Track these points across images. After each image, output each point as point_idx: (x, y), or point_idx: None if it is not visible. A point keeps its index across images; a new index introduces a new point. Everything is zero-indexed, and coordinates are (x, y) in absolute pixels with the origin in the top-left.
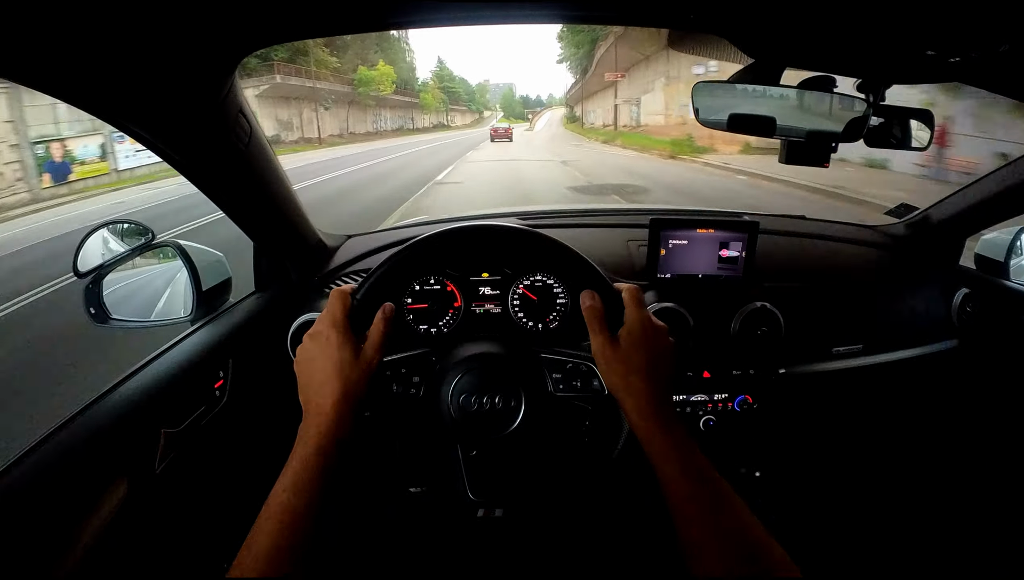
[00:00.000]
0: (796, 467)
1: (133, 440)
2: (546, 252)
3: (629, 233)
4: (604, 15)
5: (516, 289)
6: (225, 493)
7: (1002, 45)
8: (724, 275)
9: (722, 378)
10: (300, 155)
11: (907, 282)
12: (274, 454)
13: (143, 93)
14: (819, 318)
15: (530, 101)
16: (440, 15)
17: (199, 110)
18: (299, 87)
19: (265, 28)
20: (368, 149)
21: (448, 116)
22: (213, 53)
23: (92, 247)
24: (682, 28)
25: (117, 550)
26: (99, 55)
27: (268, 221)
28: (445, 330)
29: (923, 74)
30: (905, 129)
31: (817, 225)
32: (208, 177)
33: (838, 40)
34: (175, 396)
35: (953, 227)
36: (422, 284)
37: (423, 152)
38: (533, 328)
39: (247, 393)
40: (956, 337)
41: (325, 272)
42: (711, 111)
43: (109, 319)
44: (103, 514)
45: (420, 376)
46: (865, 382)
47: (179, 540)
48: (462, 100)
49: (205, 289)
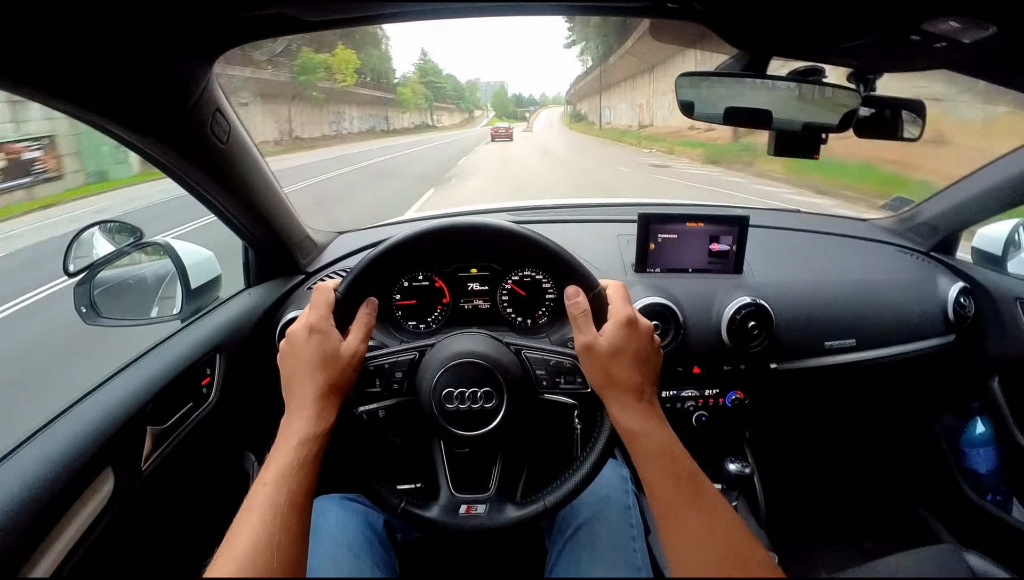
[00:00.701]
0: (790, 462)
1: (119, 438)
2: (529, 248)
3: (618, 228)
4: (584, 5)
5: (504, 285)
6: (212, 490)
7: (988, 28)
8: (714, 269)
9: (713, 373)
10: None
11: (901, 277)
12: (264, 451)
13: (119, 92)
14: (811, 313)
15: (523, 100)
16: (420, 8)
17: (176, 108)
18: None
19: (243, 24)
20: (297, 164)
21: (433, 115)
22: (189, 50)
23: (82, 247)
24: (660, 16)
25: (101, 546)
26: (74, 53)
27: (253, 219)
28: (434, 326)
29: (910, 62)
30: (896, 119)
31: (810, 219)
32: (190, 176)
33: (823, 28)
34: (161, 394)
35: (948, 221)
36: (411, 280)
37: (390, 164)
38: (522, 323)
39: (235, 390)
40: (952, 332)
41: (314, 269)
42: (705, 105)
43: (100, 317)
44: (88, 511)
45: (403, 372)
46: (858, 378)
47: (163, 537)
48: (450, 97)
49: (194, 287)
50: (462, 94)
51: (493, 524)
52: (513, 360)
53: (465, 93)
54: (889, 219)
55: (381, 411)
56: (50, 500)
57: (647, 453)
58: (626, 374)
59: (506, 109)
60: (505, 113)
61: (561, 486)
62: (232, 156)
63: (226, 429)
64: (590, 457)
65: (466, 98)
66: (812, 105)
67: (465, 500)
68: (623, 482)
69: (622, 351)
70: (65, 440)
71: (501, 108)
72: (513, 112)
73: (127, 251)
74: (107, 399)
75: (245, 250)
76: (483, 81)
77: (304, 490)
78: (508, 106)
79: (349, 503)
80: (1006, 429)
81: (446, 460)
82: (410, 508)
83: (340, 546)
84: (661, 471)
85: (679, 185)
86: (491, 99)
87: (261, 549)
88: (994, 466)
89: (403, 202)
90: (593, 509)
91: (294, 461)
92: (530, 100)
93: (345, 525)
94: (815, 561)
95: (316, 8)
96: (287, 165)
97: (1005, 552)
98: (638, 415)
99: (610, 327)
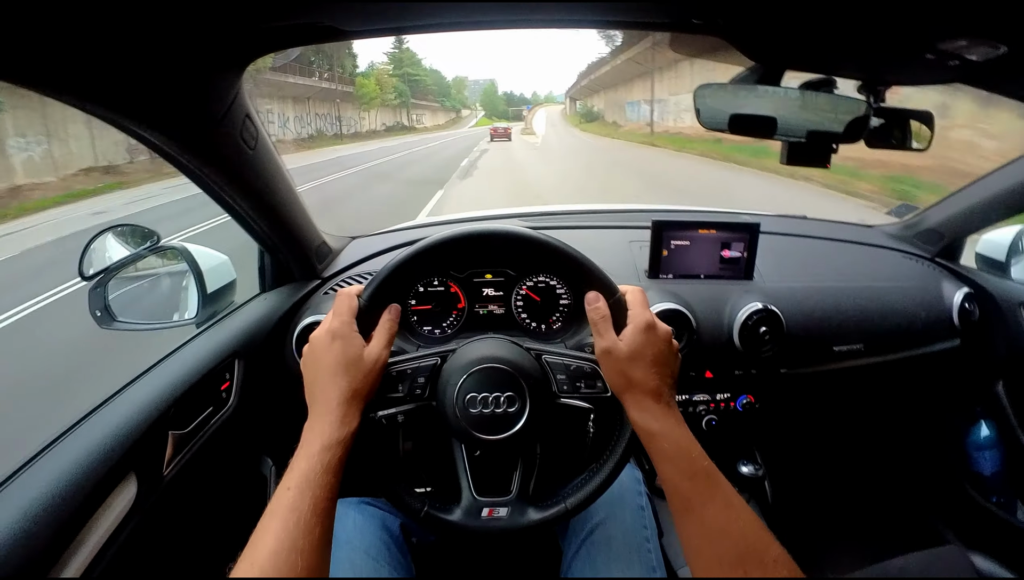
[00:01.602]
0: (799, 465)
1: (141, 443)
2: (550, 255)
3: (631, 234)
4: (605, 19)
5: (520, 290)
6: (232, 494)
7: (1000, 47)
8: (726, 275)
9: (724, 378)
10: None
11: (907, 282)
12: (281, 455)
13: (157, 100)
14: (820, 318)
15: (514, 98)
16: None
17: (209, 114)
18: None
19: (276, 32)
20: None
21: (411, 114)
22: (223, 58)
23: (97, 250)
24: (684, 31)
25: (126, 551)
26: (113, 63)
27: (273, 223)
28: (449, 331)
29: (922, 76)
30: (905, 130)
31: (817, 225)
32: (215, 180)
33: (838, 43)
34: (182, 398)
35: (953, 227)
36: (426, 286)
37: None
38: (536, 329)
39: (254, 394)
40: (957, 337)
41: (330, 274)
42: (712, 113)
43: (115, 321)
44: (113, 516)
45: (425, 378)
46: (866, 382)
47: (186, 541)
48: (432, 93)
49: (210, 291)
50: (447, 91)
51: (516, 526)
52: (534, 364)
53: (451, 91)
54: (895, 225)
55: (400, 415)
56: (76, 505)
57: (665, 453)
58: (645, 377)
59: (496, 108)
60: (496, 112)
61: (582, 488)
62: (259, 162)
63: (244, 434)
64: (611, 459)
65: (452, 96)
66: (819, 115)
67: (487, 503)
68: (637, 484)
69: (641, 355)
70: (89, 445)
71: (491, 107)
72: (504, 111)
73: (143, 255)
74: (129, 404)
75: (261, 255)
76: (471, 79)
77: (327, 495)
78: (498, 105)
79: (366, 507)
80: (1011, 432)
81: (467, 464)
82: (433, 512)
83: (358, 551)
84: (679, 470)
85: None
86: (480, 97)
87: (284, 554)
88: (999, 468)
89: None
90: (607, 510)
91: (317, 466)
92: (522, 99)
93: (363, 529)
94: (823, 562)
95: (349, 17)
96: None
97: (1010, 554)
98: (657, 416)
99: (630, 331)
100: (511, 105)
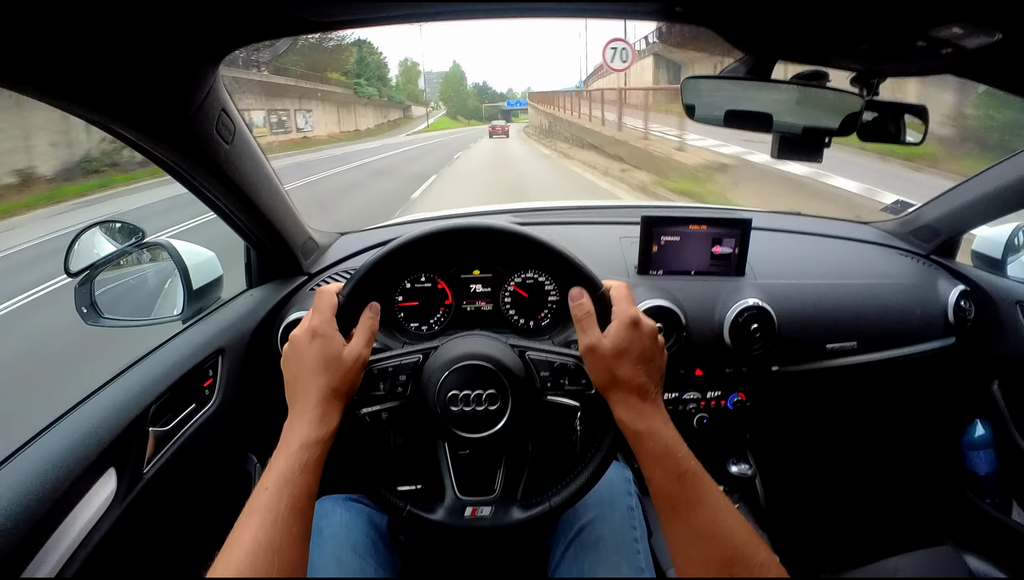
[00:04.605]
0: (791, 464)
1: (121, 439)
2: (533, 250)
3: (621, 230)
4: (594, 8)
5: (507, 286)
6: (215, 492)
7: (995, 34)
8: (717, 272)
9: (715, 376)
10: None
11: (902, 279)
12: (267, 453)
13: (127, 94)
14: (813, 315)
15: (489, 92)
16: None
17: (182, 108)
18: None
19: (250, 24)
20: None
21: (295, 113)
22: (197, 51)
23: (83, 247)
24: (668, 21)
25: (103, 548)
26: (80, 55)
27: (256, 219)
28: (436, 328)
29: (915, 67)
30: (899, 124)
31: (811, 221)
32: (195, 176)
33: (828, 32)
34: (164, 395)
35: (949, 224)
36: (412, 282)
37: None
38: (524, 325)
39: (239, 391)
40: (952, 335)
41: (317, 270)
42: (706, 108)
43: (101, 318)
44: (91, 512)
45: (407, 375)
46: (859, 380)
47: (165, 539)
48: (366, 80)
49: (196, 288)
50: (386, 80)
51: (499, 525)
52: (517, 362)
53: (398, 81)
54: (890, 222)
55: (384, 413)
56: (53, 501)
57: (651, 453)
58: (630, 374)
59: (464, 105)
60: (463, 111)
61: (566, 487)
62: (237, 156)
63: (228, 431)
64: (595, 458)
65: (399, 88)
66: (813, 109)
67: (470, 502)
68: (626, 483)
69: (626, 351)
70: (68, 442)
71: (455, 101)
72: (475, 109)
73: (129, 251)
74: (110, 401)
75: (247, 251)
76: (431, 71)
77: (305, 494)
78: (467, 100)
79: (353, 504)
80: (1006, 432)
81: (451, 462)
82: (415, 511)
83: (344, 547)
84: (665, 471)
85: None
86: (439, 87)
87: (261, 553)
88: (994, 469)
89: None
90: (596, 510)
91: (296, 465)
92: (499, 95)
93: (349, 526)
94: (815, 562)
95: (324, 9)
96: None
97: (1004, 554)
98: (643, 415)
99: (614, 328)
100: (486, 101)
